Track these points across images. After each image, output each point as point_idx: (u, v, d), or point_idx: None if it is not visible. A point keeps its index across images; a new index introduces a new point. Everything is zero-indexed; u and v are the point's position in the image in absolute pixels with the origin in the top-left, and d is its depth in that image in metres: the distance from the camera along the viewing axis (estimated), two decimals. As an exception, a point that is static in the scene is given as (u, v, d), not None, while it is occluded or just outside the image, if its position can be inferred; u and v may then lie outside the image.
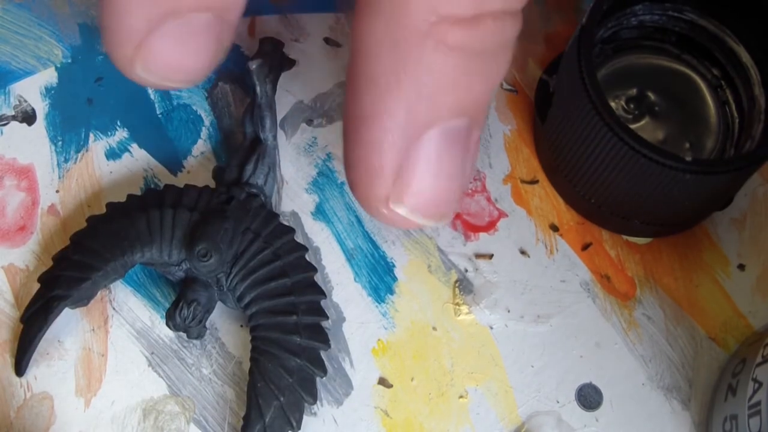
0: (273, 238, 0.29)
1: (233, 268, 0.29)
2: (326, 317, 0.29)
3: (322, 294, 0.29)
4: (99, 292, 0.30)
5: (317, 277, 0.30)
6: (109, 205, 0.30)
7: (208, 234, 0.28)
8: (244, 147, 0.31)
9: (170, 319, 0.28)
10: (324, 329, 0.29)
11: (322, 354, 0.29)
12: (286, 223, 0.31)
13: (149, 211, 0.29)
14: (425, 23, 0.25)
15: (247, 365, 0.29)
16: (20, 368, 0.28)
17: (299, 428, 0.27)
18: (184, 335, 0.30)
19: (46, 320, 0.28)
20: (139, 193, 0.31)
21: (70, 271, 0.29)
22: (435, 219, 0.29)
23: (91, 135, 0.33)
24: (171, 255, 0.29)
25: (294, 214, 0.32)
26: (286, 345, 0.28)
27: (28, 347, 0.28)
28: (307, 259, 0.30)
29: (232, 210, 0.29)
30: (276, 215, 0.30)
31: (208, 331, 0.30)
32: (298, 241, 0.31)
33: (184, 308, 0.28)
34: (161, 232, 0.29)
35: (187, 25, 0.25)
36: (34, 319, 0.28)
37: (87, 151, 0.32)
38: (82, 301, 0.29)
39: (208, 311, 0.29)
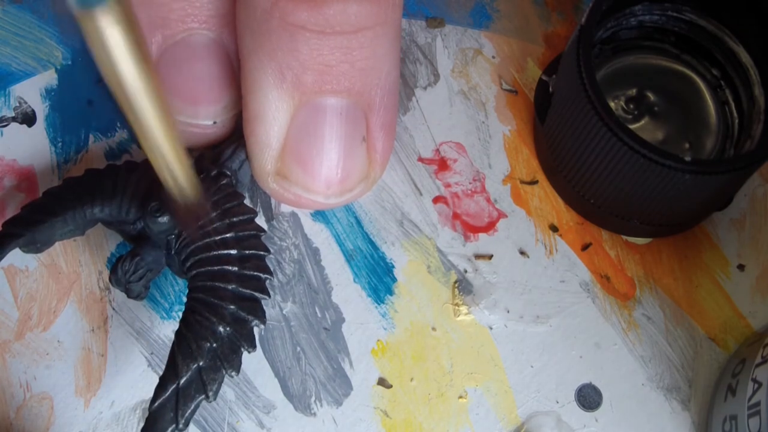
0: (231, 214, 0.29)
1: (184, 232, 0.28)
2: (267, 295, 0.28)
3: (269, 273, 0.28)
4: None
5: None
6: (87, 170, 0.30)
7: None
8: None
9: (113, 273, 0.28)
10: (261, 307, 0.28)
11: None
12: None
13: (118, 172, 0.29)
14: (267, 1, 0.25)
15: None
16: None
17: (214, 399, 0.26)
18: None
19: None
20: None
21: (30, 213, 0.29)
22: (321, 196, 0.29)
23: (91, 136, 0.33)
24: (129, 212, 0.29)
25: (294, 215, 0.32)
26: (217, 311, 0.27)
27: None
28: (263, 241, 0.29)
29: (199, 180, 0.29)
30: (242, 195, 0.30)
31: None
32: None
33: (127, 261, 0.28)
34: (124, 189, 0.29)
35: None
36: None
37: (87, 152, 0.32)
38: (36, 244, 0.29)
39: (152, 271, 0.29)
